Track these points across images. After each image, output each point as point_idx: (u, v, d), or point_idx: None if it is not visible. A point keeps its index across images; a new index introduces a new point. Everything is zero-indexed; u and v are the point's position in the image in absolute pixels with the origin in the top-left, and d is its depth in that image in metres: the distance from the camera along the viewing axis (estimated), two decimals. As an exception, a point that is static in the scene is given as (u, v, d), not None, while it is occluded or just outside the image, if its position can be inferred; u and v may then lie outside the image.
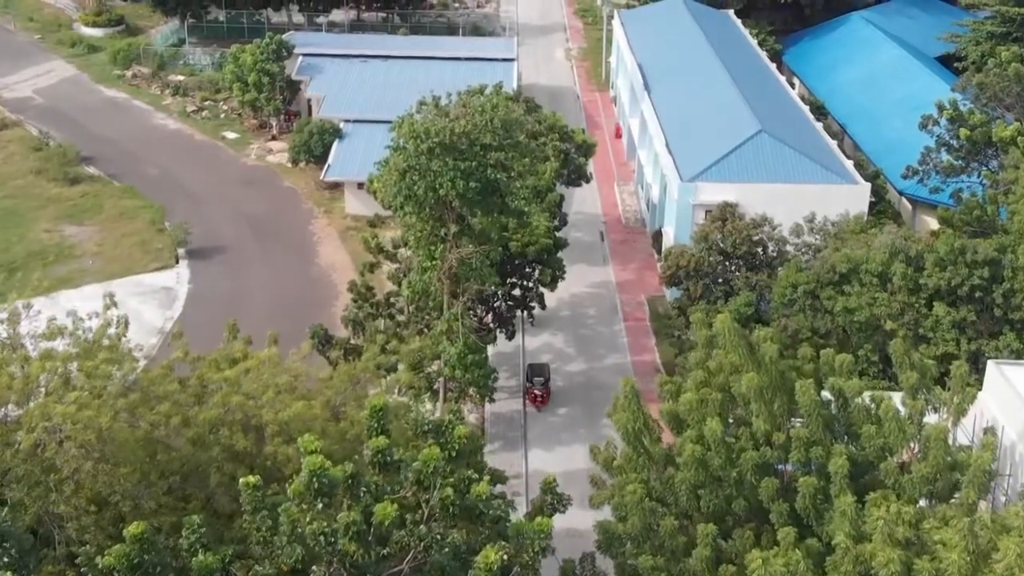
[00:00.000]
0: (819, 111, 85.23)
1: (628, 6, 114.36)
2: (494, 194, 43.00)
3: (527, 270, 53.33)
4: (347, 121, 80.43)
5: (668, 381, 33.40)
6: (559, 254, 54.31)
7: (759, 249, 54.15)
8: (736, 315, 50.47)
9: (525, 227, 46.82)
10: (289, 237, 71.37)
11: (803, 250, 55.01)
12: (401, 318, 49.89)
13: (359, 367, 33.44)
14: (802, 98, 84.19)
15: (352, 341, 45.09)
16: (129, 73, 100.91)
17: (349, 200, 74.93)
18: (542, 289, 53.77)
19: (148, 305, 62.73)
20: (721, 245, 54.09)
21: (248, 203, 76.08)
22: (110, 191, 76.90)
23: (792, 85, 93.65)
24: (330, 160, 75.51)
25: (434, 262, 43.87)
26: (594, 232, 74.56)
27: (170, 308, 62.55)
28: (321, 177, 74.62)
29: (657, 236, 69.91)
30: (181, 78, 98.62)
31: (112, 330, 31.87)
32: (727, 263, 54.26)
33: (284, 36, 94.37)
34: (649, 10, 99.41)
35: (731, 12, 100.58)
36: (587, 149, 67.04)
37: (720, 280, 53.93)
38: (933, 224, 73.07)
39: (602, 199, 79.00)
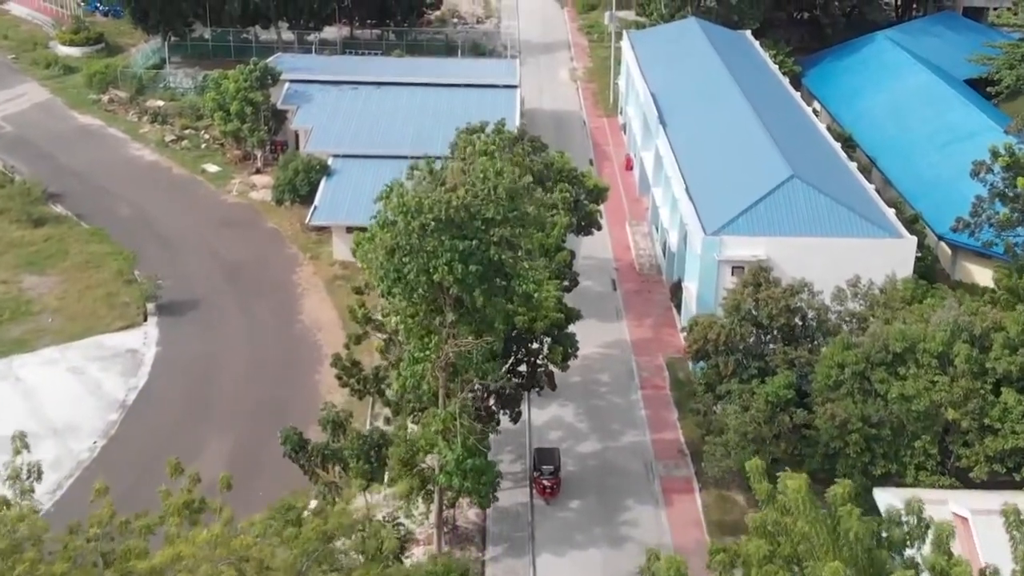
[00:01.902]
0: (847, 143, 78.86)
1: (637, 25, 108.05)
2: (498, 275, 36.56)
3: (534, 345, 46.87)
4: (336, 156, 74.01)
5: (720, 550, 26.84)
6: (571, 325, 47.82)
7: (798, 320, 47.69)
8: (775, 398, 44.23)
9: (534, 310, 40.31)
10: (270, 288, 64.92)
11: (847, 319, 48.62)
12: (391, 394, 43.39)
13: (331, 522, 26.85)
14: (829, 129, 77.76)
15: (332, 445, 38.72)
16: (105, 98, 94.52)
17: (337, 245, 68.49)
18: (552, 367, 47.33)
19: (110, 372, 56.27)
20: (754, 313, 47.65)
21: (227, 247, 69.62)
22: (77, 234, 70.43)
23: (813, 109, 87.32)
24: (316, 201, 69.02)
25: (427, 353, 37.43)
26: (605, 280, 68.12)
27: (134, 375, 56.03)
28: (306, 221, 68.11)
29: (676, 289, 63.50)
30: (161, 103, 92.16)
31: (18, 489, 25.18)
32: (762, 335, 47.82)
33: (270, 60, 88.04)
34: (661, 31, 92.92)
35: (748, 33, 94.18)
36: (599, 194, 60.59)
37: (754, 355, 47.47)
38: (976, 273, 66.85)
39: (613, 240, 72.45)
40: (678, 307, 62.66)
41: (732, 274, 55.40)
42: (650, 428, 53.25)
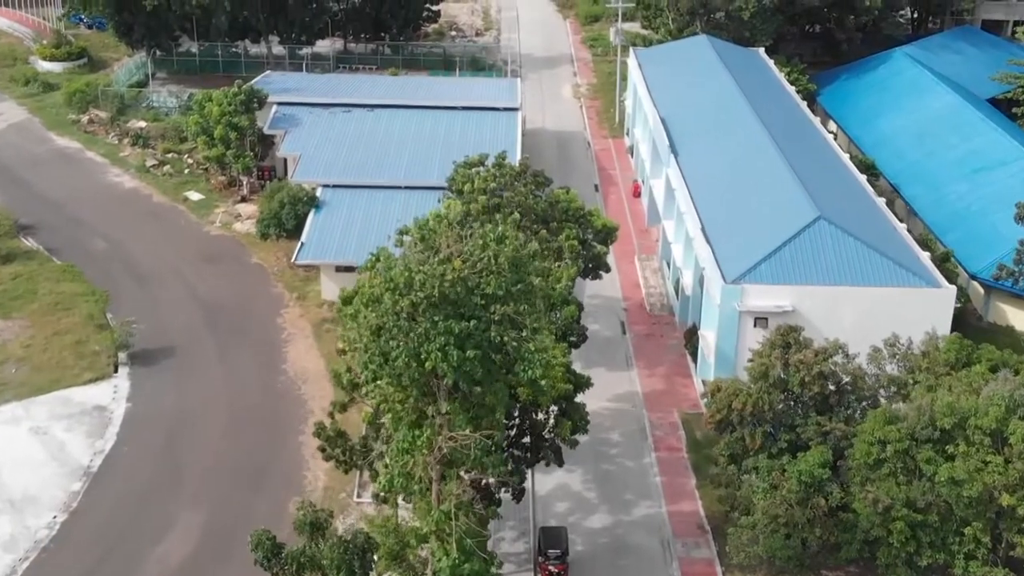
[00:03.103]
0: (870, 171, 74.23)
1: (643, 40, 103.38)
2: (499, 358, 31.86)
3: (539, 416, 42.17)
4: (326, 186, 69.28)
5: None
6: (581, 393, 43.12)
7: (832, 387, 42.99)
8: (808, 477, 39.58)
9: (541, 395, 35.54)
10: (253, 333, 60.19)
11: (885, 384, 43.96)
12: (376, 487, 38.71)
13: None
14: (849, 155, 73.14)
15: (309, 551, 34.00)
16: (85, 118, 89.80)
17: (326, 284, 63.79)
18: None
19: (75, 433, 51.52)
20: (784, 378, 42.96)
21: (208, 286, 64.90)
22: (48, 271, 65.68)
23: (830, 131, 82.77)
24: (304, 237, 64.24)
25: (418, 444, 32.73)
26: (613, 322, 63.47)
27: (101, 437, 51.24)
28: (292, 260, 63.34)
29: (691, 334, 58.84)
30: (143, 125, 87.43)
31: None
32: (793, 404, 43.10)
33: (257, 80, 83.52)
34: (670, 49, 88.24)
35: (761, 51, 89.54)
36: (608, 234, 55.91)
37: (784, 426, 42.78)
38: (1012, 315, 62.26)
39: (621, 276, 67.65)
40: (693, 355, 57.99)
41: (755, 325, 50.88)
42: (666, 498, 48.51)
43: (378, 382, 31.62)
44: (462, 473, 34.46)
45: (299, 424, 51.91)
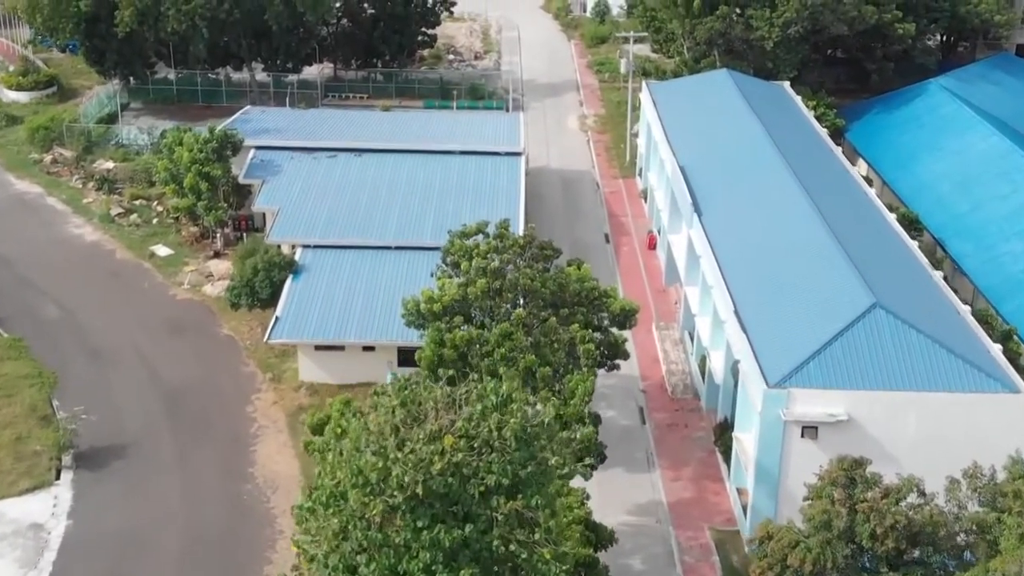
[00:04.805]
0: (913, 226, 66.76)
1: (657, 70, 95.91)
2: (504, 566, 24.26)
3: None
4: (306, 247, 61.72)
5: None
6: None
7: (905, 538, 35.38)
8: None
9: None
10: (219, 426, 52.58)
11: (968, 527, 36.40)
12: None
13: None
14: (890, 206, 65.64)
15: None
16: (48, 157, 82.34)
17: (304, 364, 56.26)
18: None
19: (5, 559, 43.89)
20: (849, 523, 35.37)
21: (170, 364, 57.31)
22: (-10, 346, 58.26)
23: (857, 166, 75.39)
24: (279, 310, 56.56)
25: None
26: (630, 408, 55.95)
27: (35, 567, 43.61)
28: (265, 339, 55.65)
29: (722, 430, 51.31)
30: (110, 166, 79.86)
31: None
32: (859, 556, 35.54)
33: (234, 120, 76.09)
34: (687, 85, 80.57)
35: (786, 85, 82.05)
36: (626, 318, 48.35)
37: (848, 584, 35.26)
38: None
39: (637, 348, 59.82)
40: (724, 454, 50.41)
41: (802, 436, 43.33)
42: (700, 650, 41.07)
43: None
44: None
45: (265, 550, 44.29)
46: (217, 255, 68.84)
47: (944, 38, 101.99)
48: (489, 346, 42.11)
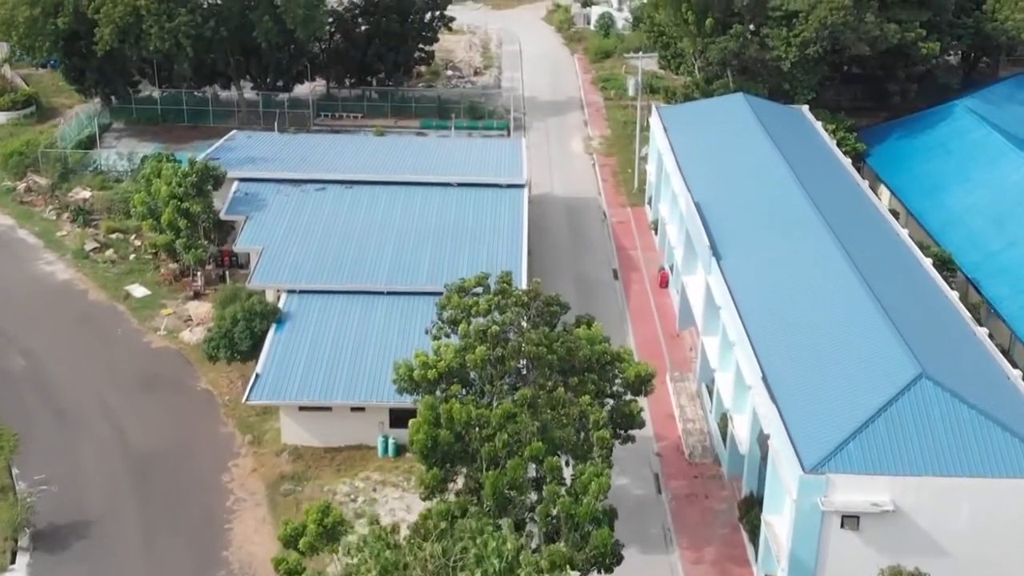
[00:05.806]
0: (946, 267, 62.05)
1: (665, 90, 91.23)
2: None
3: None
4: (291, 292, 57.01)
5: None
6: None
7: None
8: None
9: None
10: (191, 500, 47.71)
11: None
12: None
13: None
14: (918, 242, 60.85)
15: None
16: (22, 185, 77.75)
17: (287, 426, 51.49)
18: None
19: (-54, 665, 39.34)
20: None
21: (141, 425, 52.52)
22: (-53, 404, 53.50)
23: (879, 193, 70.79)
24: (260, 366, 51.77)
25: None
26: (644, 474, 51.14)
27: (-20, 673, 39.11)
28: (244, 399, 50.83)
29: (748, 507, 46.51)
30: (87, 195, 75.14)
31: None
32: None
33: (217, 148, 71.56)
34: (700, 110, 75.80)
35: (805, 109, 77.31)
36: (642, 384, 43.60)
37: None
38: None
39: (649, 401, 54.53)
40: (751, 534, 45.61)
41: (842, 526, 38.59)
42: None
43: None
44: None
45: (240, 654, 39.64)
46: (197, 296, 64.12)
47: (965, 55, 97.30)
48: (490, 428, 37.38)
